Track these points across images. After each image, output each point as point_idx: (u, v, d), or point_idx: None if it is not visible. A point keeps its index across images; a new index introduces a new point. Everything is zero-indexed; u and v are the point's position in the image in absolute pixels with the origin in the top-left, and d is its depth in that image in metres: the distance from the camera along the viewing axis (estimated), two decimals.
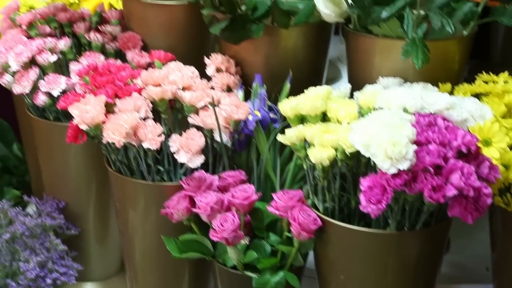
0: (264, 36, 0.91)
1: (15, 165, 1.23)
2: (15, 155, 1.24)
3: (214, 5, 0.92)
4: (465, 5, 0.83)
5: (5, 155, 1.23)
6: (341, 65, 1.21)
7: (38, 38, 0.97)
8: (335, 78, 1.17)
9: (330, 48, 0.99)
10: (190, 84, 0.90)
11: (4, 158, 1.23)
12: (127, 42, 0.99)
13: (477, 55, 1.07)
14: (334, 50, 1.14)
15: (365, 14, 0.85)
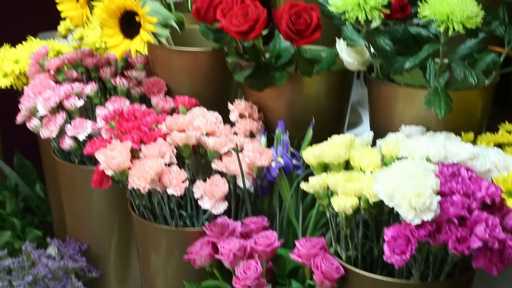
0: (287, 83, 0.92)
1: (37, 205, 1.24)
2: (37, 195, 1.25)
3: (239, 52, 0.94)
4: (488, 56, 0.84)
5: (28, 194, 1.25)
6: (361, 109, 1.22)
7: (66, 83, 0.99)
8: (356, 123, 1.17)
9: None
10: (214, 130, 0.91)
11: (26, 197, 1.25)
12: (152, 87, 1.01)
13: (498, 100, 1.07)
14: (355, 94, 1.15)
15: (388, 64, 0.86)
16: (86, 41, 1.13)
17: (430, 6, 0.80)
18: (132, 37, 0.93)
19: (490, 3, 0.91)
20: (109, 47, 0.93)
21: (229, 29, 0.88)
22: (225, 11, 0.90)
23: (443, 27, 0.79)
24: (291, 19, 0.87)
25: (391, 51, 0.85)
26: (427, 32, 0.86)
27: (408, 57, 0.84)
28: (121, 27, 0.93)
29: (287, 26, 0.87)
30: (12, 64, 1.07)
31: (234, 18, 0.88)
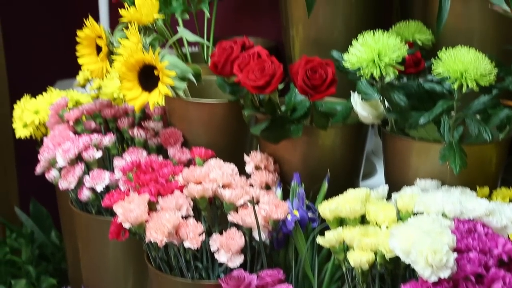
0: (302, 136, 0.93)
1: (53, 252, 1.25)
2: (52, 242, 1.26)
3: (255, 106, 0.95)
4: (501, 111, 0.85)
5: (43, 242, 1.26)
6: (375, 159, 1.22)
7: (85, 134, 1.01)
8: (370, 173, 1.18)
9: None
10: (230, 182, 0.92)
11: (42, 245, 1.25)
12: (169, 138, 1.02)
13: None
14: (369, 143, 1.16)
15: (403, 119, 0.87)
16: (105, 91, 1.16)
17: (444, 63, 0.81)
18: (150, 90, 0.95)
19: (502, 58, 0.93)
20: (127, 100, 0.95)
21: (245, 83, 0.90)
22: (242, 66, 0.92)
23: (457, 84, 0.81)
24: (306, 74, 0.88)
25: (406, 106, 0.86)
26: (441, 88, 0.87)
27: (423, 112, 0.86)
28: (140, 80, 0.95)
29: (303, 81, 0.88)
30: (32, 115, 1.09)
31: (251, 73, 0.90)
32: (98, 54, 0.99)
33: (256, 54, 0.92)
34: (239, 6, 1.49)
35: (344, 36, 1.10)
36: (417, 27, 0.99)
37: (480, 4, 0.93)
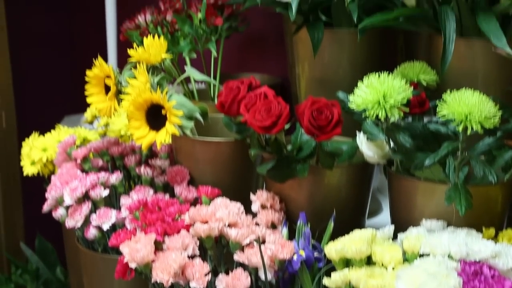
0: (308, 175, 0.93)
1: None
2: (58, 278, 1.26)
3: (261, 145, 0.96)
4: (506, 153, 0.86)
5: (48, 278, 1.26)
6: (381, 196, 1.22)
7: (92, 172, 1.02)
8: (376, 211, 1.18)
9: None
10: (236, 221, 0.92)
11: (47, 281, 1.25)
12: (175, 176, 1.03)
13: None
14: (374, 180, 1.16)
15: (408, 160, 0.88)
16: (112, 128, 1.17)
17: (449, 105, 0.82)
18: (158, 129, 0.96)
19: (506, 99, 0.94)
20: (135, 139, 0.96)
21: (252, 123, 0.91)
22: (249, 106, 0.93)
23: (461, 126, 0.81)
24: (312, 115, 0.89)
25: (411, 147, 0.87)
26: (446, 129, 0.88)
27: (428, 153, 0.86)
28: (147, 119, 0.97)
29: (309, 122, 0.89)
30: (40, 152, 1.10)
31: (258, 113, 0.91)
32: (106, 93, 1.01)
33: (263, 94, 0.93)
34: (246, 43, 1.51)
35: (349, 75, 1.11)
36: (422, 67, 1.00)
37: (483, 46, 0.94)
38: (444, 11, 0.95)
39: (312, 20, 1.07)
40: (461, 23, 0.96)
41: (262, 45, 1.50)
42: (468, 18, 0.95)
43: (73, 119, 1.51)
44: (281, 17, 1.25)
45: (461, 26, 0.96)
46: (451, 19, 0.94)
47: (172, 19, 1.20)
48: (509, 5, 0.91)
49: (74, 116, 1.52)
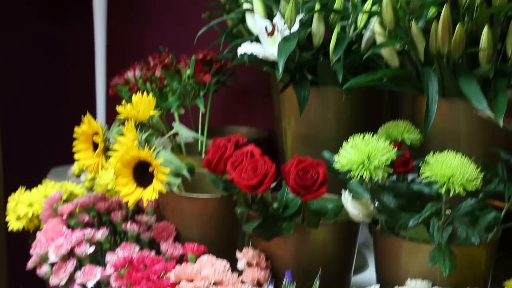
0: (294, 233, 0.94)
1: None
2: None
3: (247, 203, 0.97)
4: (489, 213, 0.87)
5: None
6: (367, 251, 1.23)
7: (78, 229, 1.01)
8: (362, 267, 1.18)
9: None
10: (222, 279, 0.92)
11: None
12: (162, 232, 1.03)
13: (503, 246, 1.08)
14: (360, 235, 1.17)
15: (392, 220, 0.89)
16: (99, 182, 1.17)
17: (432, 168, 0.84)
18: (145, 186, 0.97)
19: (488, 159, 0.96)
20: (122, 196, 0.97)
21: (238, 182, 0.92)
22: (235, 164, 0.94)
23: (444, 188, 0.83)
24: (298, 175, 0.90)
25: (395, 207, 0.88)
26: (429, 190, 0.89)
27: (412, 213, 0.87)
28: (135, 176, 0.97)
29: (295, 181, 0.90)
30: (26, 208, 1.10)
31: (244, 172, 0.92)
32: (94, 149, 1.01)
33: (249, 153, 0.94)
34: (234, 96, 1.53)
35: (335, 132, 1.13)
36: (406, 127, 1.02)
37: (465, 107, 0.96)
38: (427, 73, 0.97)
39: (299, 79, 1.09)
40: (444, 84, 0.98)
41: (250, 98, 1.52)
42: (450, 80, 0.97)
43: (60, 171, 1.51)
44: (268, 72, 1.27)
45: (444, 87, 0.99)
46: (433, 81, 0.97)
47: (161, 75, 1.22)
48: (489, 69, 0.94)
49: (62, 168, 1.52)
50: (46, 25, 1.65)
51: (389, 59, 1.02)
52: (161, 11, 1.57)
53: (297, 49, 1.08)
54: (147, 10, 1.59)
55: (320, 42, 1.08)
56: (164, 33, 1.57)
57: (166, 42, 1.44)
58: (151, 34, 1.58)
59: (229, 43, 1.20)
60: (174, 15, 1.55)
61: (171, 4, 1.56)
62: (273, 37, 1.06)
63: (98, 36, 1.49)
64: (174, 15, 1.55)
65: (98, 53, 1.49)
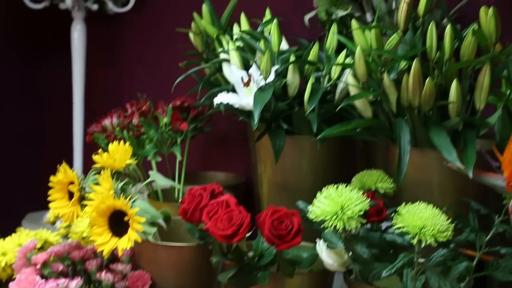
0: (269, 283, 0.94)
1: None
2: None
3: (223, 251, 0.97)
4: (461, 263, 0.88)
5: None
6: None
7: (51, 279, 1.00)
8: None
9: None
10: None
11: None
12: (137, 281, 1.02)
13: None
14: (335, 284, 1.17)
15: (366, 269, 0.89)
16: (74, 230, 1.16)
17: (404, 219, 0.85)
18: (120, 235, 0.97)
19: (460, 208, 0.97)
20: (97, 245, 0.96)
21: (214, 232, 0.92)
22: (211, 214, 0.94)
23: (416, 239, 0.84)
24: (273, 225, 0.91)
25: (368, 258, 0.89)
26: (402, 240, 0.90)
27: (385, 263, 0.88)
28: (110, 226, 0.97)
29: (269, 231, 0.91)
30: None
31: (219, 222, 0.92)
32: (70, 198, 1.01)
33: (225, 203, 0.94)
34: (211, 142, 1.54)
35: (311, 180, 1.14)
36: (379, 176, 1.04)
37: (437, 157, 0.98)
38: (399, 124, 1.00)
39: (274, 128, 1.11)
40: (416, 135, 1.01)
41: (228, 144, 1.53)
42: (421, 131, 0.99)
43: (35, 216, 1.50)
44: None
45: (416, 138, 1.01)
46: (405, 132, 0.99)
47: (138, 123, 1.23)
48: (458, 122, 0.97)
49: (37, 213, 1.51)
50: (24, 65, 1.65)
51: (362, 109, 1.04)
52: (139, 57, 1.59)
53: (273, 99, 1.10)
54: (126, 56, 1.61)
55: (295, 92, 1.11)
56: (143, 79, 1.59)
57: (144, 88, 1.46)
58: (129, 80, 1.60)
59: (207, 91, 1.22)
60: (153, 61, 1.57)
61: (149, 50, 1.58)
62: (249, 87, 1.08)
63: (77, 81, 1.50)
64: (152, 62, 1.57)
65: (76, 98, 1.49)
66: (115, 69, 1.61)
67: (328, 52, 1.11)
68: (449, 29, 0.94)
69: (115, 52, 1.61)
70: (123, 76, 1.61)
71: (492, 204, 0.96)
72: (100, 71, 1.61)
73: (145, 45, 1.58)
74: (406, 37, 1.01)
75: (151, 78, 1.57)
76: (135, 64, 1.60)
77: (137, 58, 1.59)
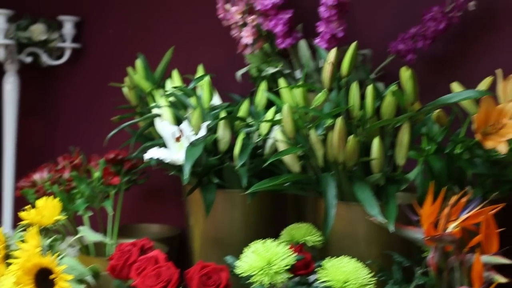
0: None
1: None
2: None
3: None
4: None
5: None
6: None
7: None
8: None
9: None
10: None
11: None
12: None
13: None
14: None
15: None
16: None
17: (328, 273, 0.87)
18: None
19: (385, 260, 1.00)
20: None
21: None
22: (139, 270, 0.94)
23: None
24: (201, 280, 0.91)
25: None
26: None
27: None
28: (36, 284, 0.95)
29: (198, 287, 0.91)
30: None
31: (148, 278, 0.92)
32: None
33: (154, 259, 0.95)
34: (146, 193, 1.54)
35: (242, 233, 1.15)
36: (308, 230, 1.06)
37: (362, 210, 1.01)
38: (325, 178, 1.03)
39: (205, 182, 1.13)
40: (342, 189, 1.04)
41: (163, 196, 1.53)
42: (347, 186, 1.03)
43: None
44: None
45: (342, 192, 1.04)
46: (331, 186, 1.02)
47: (69, 177, 1.22)
48: (380, 177, 1.00)
49: None
50: None
51: (290, 164, 1.07)
52: (73, 110, 1.59)
53: (204, 154, 1.12)
54: (60, 108, 1.60)
55: (226, 147, 1.13)
56: (76, 132, 1.58)
57: (78, 141, 1.45)
58: (63, 133, 1.59)
59: (141, 143, 1.23)
60: (87, 114, 1.57)
61: (83, 103, 1.58)
62: (180, 143, 1.10)
63: (8, 133, 1.48)
64: (86, 115, 1.57)
65: (7, 150, 1.47)
66: (48, 121, 1.60)
67: (257, 108, 1.15)
68: (370, 89, 0.99)
69: (49, 104, 1.61)
70: (56, 128, 1.60)
71: (415, 257, 0.99)
72: (33, 123, 1.59)
73: (79, 97, 1.58)
74: (332, 95, 1.05)
75: (85, 131, 1.57)
76: (69, 117, 1.59)
77: (71, 111, 1.59)
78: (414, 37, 1.19)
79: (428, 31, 1.18)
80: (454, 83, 1.09)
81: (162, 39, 1.45)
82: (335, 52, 1.02)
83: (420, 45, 1.19)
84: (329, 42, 1.15)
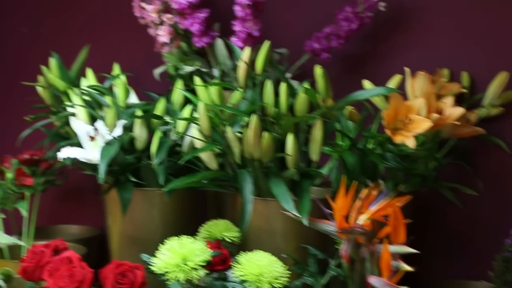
0: None
1: None
2: None
3: None
4: None
5: None
6: None
7: None
8: None
9: None
10: None
11: None
12: None
13: None
14: None
15: None
16: None
17: (243, 267, 0.89)
18: None
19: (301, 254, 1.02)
20: None
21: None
22: (52, 271, 0.92)
23: (254, 286, 0.87)
24: (116, 279, 0.91)
25: None
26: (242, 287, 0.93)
27: None
28: None
29: (113, 286, 0.90)
30: None
31: (60, 279, 0.91)
32: None
33: (67, 259, 0.93)
34: (64, 194, 1.51)
35: (161, 231, 1.15)
36: (226, 226, 1.07)
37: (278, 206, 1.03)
38: (241, 175, 1.04)
39: (122, 181, 1.12)
40: (259, 185, 1.05)
41: (81, 196, 1.51)
42: (263, 182, 1.04)
43: None
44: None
45: (259, 188, 1.05)
46: (248, 182, 1.03)
47: None
48: (295, 172, 1.02)
49: None
50: None
51: (208, 162, 1.07)
52: None
53: (121, 153, 1.11)
54: None
55: (143, 146, 1.12)
56: None
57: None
58: None
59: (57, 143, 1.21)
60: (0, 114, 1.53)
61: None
62: (95, 142, 1.08)
63: None
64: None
65: None
66: None
67: (174, 107, 1.15)
68: (283, 87, 1.01)
69: None
70: None
71: (330, 249, 1.02)
72: None
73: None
74: (248, 93, 1.07)
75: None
76: None
77: None
78: (328, 36, 1.22)
79: (342, 31, 1.21)
80: (365, 81, 1.13)
81: (78, 38, 1.42)
82: (249, 51, 1.03)
83: (335, 44, 1.22)
84: (245, 41, 1.16)
